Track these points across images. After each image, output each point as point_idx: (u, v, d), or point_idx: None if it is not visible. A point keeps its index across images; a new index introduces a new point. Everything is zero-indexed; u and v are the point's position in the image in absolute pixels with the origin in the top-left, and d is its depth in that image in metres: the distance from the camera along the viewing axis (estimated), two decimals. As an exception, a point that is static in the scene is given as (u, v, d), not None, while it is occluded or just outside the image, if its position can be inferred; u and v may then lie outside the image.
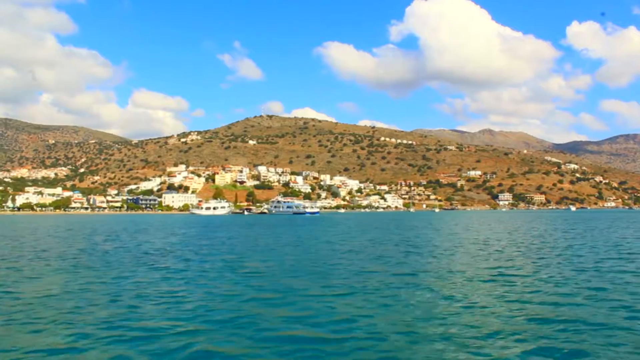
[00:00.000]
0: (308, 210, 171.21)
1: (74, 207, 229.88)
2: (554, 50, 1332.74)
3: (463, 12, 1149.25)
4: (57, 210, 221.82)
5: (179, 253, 30.55)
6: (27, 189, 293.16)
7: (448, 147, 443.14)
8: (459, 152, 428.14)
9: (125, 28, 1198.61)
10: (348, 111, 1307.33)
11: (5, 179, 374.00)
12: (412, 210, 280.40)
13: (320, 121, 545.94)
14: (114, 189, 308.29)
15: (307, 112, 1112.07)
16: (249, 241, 41.73)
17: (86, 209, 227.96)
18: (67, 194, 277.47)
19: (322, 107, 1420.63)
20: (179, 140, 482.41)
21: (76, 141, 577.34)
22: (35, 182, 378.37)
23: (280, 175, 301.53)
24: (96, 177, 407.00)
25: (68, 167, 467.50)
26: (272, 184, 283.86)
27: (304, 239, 44.39)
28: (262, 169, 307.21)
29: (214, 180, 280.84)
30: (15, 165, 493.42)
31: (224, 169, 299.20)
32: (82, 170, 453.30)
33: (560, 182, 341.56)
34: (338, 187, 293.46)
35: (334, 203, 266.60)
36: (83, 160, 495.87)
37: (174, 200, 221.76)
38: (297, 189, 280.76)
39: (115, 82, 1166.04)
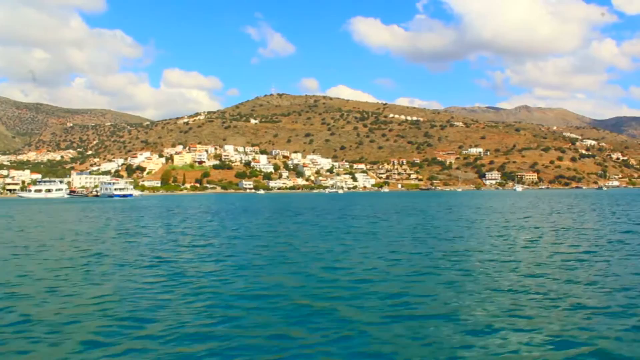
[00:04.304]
0: (116, 193, 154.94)
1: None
2: (606, 14, 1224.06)
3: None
4: None
5: None
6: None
7: (455, 123, 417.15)
8: (465, 128, 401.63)
9: (146, 5, 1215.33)
10: (385, 88, 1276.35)
11: (4, 163, 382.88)
12: (385, 189, 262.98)
13: (331, 99, 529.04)
14: (88, 170, 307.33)
15: (342, 90, 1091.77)
16: None
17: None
18: (35, 176, 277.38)
19: (358, 85, 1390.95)
20: (185, 122, 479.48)
21: (97, 124, 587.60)
22: (36, 165, 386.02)
23: (246, 154, 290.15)
24: (96, 159, 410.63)
25: (78, 150, 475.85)
26: (233, 164, 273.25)
27: None
28: (229, 148, 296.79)
29: (173, 161, 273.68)
30: (32, 148, 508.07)
31: (189, 149, 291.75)
32: (89, 152, 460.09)
33: (560, 159, 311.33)
34: (304, 167, 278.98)
35: (289, 183, 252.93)
36: (95, 142, 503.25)
37: (86, 181, 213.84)
38: (257, 169, 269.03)
39: (146, 63, 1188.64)
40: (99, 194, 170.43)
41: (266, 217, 52.64)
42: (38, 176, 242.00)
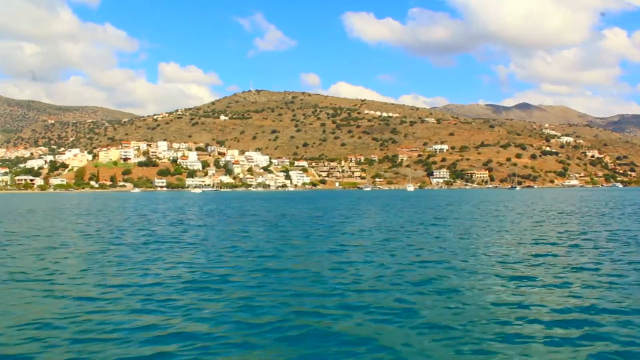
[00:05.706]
0: None
1: None
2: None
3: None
4: None
5: None
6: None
7: (426, 119, 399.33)
8: (435, 125, 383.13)
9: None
10: (388, 84, 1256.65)
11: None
12: (288, 189, 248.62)
13: (310, 95, 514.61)
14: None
15: (342, 87, 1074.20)
16: None
17: None
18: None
19: (360, 82, 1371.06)
20: (154, 118, 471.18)
21: (78, 121, 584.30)
22: (4, 162, 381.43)
23: (175, 151, 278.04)
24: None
25: (49, 147, 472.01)
26: (160, 161, 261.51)
27: None
28: (162, 144, 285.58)
29: (99, 158, 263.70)
30: (10, 145, 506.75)
31: (121, 145, 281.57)
32: (61, 149, 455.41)
33: (519, 156, 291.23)
34: (234, 164, 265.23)
35: (207, 181, 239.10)
36: (72, 139, 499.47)
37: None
38: (184, 166, 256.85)
39: (142, 58, 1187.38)
40: None
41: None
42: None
